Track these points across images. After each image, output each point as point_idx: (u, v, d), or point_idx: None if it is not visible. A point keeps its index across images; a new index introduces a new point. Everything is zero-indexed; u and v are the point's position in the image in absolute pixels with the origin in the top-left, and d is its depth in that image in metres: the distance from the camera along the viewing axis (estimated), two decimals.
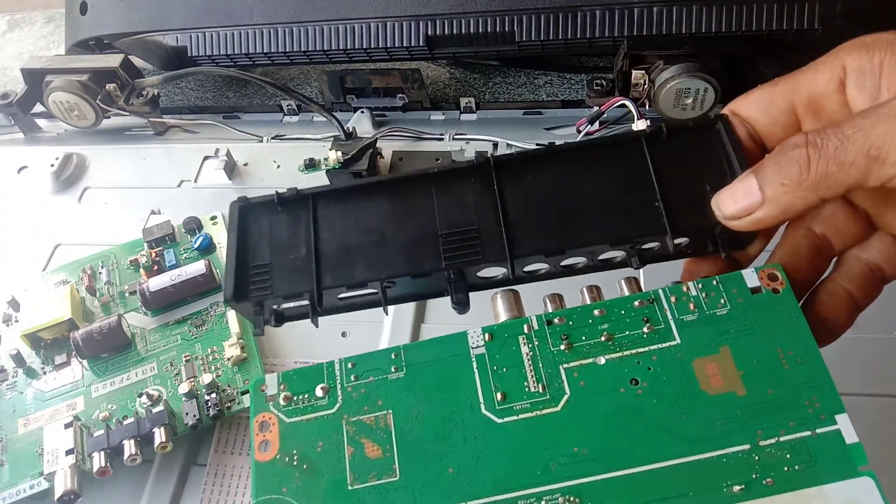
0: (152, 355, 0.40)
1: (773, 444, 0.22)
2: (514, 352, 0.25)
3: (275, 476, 0.24)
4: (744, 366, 0.24)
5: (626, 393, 0.24)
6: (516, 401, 0.24)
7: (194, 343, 0.40)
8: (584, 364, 0.25)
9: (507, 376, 0.25)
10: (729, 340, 0.24)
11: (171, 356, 0.40)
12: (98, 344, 0.39)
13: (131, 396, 0.38)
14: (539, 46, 0.53)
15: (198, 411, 0.36)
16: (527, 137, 0.51)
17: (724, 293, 0.25)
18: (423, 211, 0.28)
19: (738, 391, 0.23)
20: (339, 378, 0.26)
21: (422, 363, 0.26)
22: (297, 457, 0.25)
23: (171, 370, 0.39)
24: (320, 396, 0.26)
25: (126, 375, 0.39)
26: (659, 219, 0.26)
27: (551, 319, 0.26)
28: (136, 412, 0.37)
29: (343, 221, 0.29)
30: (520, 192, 0.28)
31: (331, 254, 0.28)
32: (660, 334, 0.25)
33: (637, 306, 0.25)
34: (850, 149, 0.21)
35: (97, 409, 0.38)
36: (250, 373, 0.38)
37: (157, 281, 0.42)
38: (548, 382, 0.25)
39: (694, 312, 0.25)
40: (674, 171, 0.27)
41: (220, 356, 0.39)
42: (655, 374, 0.24)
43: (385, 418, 0.25)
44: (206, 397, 0.36)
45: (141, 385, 0.38)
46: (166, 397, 0.37)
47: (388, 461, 0.24)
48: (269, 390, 0.26)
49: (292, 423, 0.25)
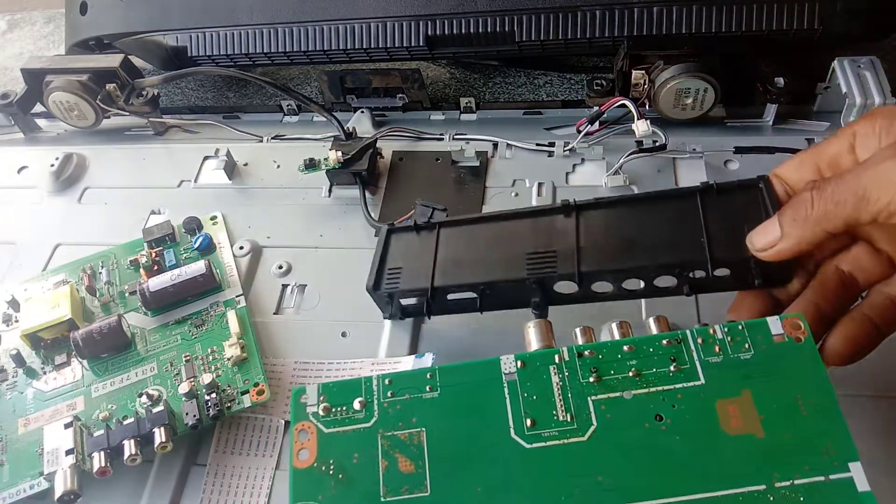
0: (152, 355, 0.40)
1: (788, 487, 0.23)
2: (545, 380, 0.27)
3: (311, 483, 0.25)
4: (764, 410, 0.25)
5: (650, 428, 0.25)
6: (545, 428, 0.26)
7: (194, 343, 0.40)
8: (611, 397, 0.26)
9: (537, 404, 0.26)
10: (751, 384, 0.25)
11: (171, 356, 0.40)
12: (98, 344, 0.39)
13: (131, 396, 0.38)
14: (539, 46, 0.53)
15: (198, 411, 0.36)
16: (527, 137, 0.51)
17: (748, 338, 0.26)
18: (516, 239, 0.36)
19: (758, 434, 0.25)
20: (376, 393, 0.27)
21: (455, 385, 0.27)
22: (333, 466, 0.26)
23: (171, 370, 0.39)
24: (358, 410, 0.27)
25: (126, 375, 0.39)
26: (702, 251, 0.32)
27: (582, 352, 0.27)
28: (136, 412, 0.37)
29: (457, 244, 0.38)
30: (593, 228, 0.35)
31: (445, 265, 0.37)
32: (685, 374, 0.26)
33: (665, 345, 0.27)
34: (843, 190, 0.26)
35: (97, 409, 0.38)
36: (250, 373, 0.38)
37: (157, 281, 0.42)
38: (576, 413, 0.26)
39: (719, 355, 0.26)
40: (719, 217, 0.33)
41: (220, 356, 0.39)
42: (679, 412, 0.25)
43: (419, 435, 0.26)
44: (206, 397, 0.36)
45: (141, 385, 0.38)
46: (166, 397, 0.37)
47: (420, 476, 0.25)
48: (309, 400, 0.27)
49: (330, 434, 0.26)
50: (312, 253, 0.46)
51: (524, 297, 0.36)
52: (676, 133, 0.49)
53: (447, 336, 0.40)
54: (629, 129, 0.47)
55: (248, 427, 0.37)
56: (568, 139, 0.50)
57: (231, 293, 0.42)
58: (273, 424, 0.37)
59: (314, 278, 0.44)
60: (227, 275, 0.44)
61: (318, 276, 0.44)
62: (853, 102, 0.47)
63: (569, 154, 0.50)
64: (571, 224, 0.35)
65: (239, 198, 0.50)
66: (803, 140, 0.48)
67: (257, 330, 0.41)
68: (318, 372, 0.39)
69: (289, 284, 0.44)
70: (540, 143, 0.50)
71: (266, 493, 0.35)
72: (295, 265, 0.45)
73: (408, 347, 0.39)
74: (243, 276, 0.44)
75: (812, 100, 0.50)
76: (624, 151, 0.47)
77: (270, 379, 0.38)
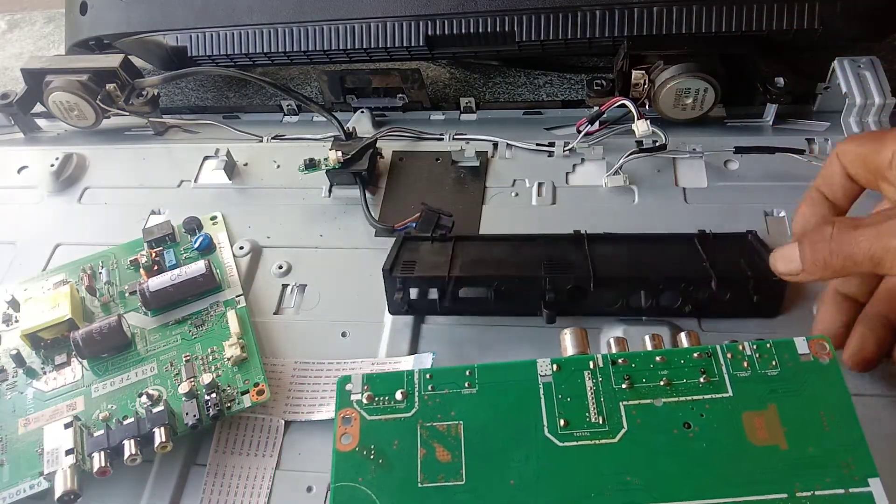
0: (152, 355, 0.40)
1: (809, 497, 0.24)
2: (579, 384, 0.28)
3: (353, 466, 0.27)
4: (788, 423, 0.26)
5: (678, 434, 0.26)
6: (577, 428, 0.27)
7: (194, 343, 0.40)
8: (642, 403, 0.27)
9: (571, 406, 0.27)
10: (776, 399, 0.27)
11: (171, 356, 0.40)
12: (98, 344, 0.39)
13: (131, 396, 0.38)
14: (539, 46, 0.53)
15: (198, 411, 0.36)
16: (527, 137, 0.51)
17: (776, 356, 0.28)
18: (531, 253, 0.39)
19: (781, 445, 0.26)
20: (417, 386, 0.29)
21: (493, 383, 0.28)
22: (373, 451, 0.27)
23: (171, 370, 0.39)
24: (399, 400, 0.28)
25: (126, 375, 0.39)
26: (706, 270, 0.36)
27: (616, 360, 0.28)
28: (136, 412, 0.37)
29: (473, 252, 0.40)
30: (603, 252, 0.39)
31: (461, 263, 0.38)
32: (714, 386, 0.27)
33: (696, 358, 0.28)
34: (859, 252, 0.27)
35: (97, 409, 0.38)
36: (250, 373, 0.38)
37: (157, 281, 0.42)
38: (608, 416, 0.27)
39: (747, 370, 0.28)
40: (716, 252, 0.38)
41: (220, 356, 0.39)
42: (707, 421, 0.26)
43: (456, 428, 0.27)
44: (206, 397, 0.36)
45: (141, 385, 0.38)
46: (166, 397, 0.37)
47: (456, 466, 0.26)
48: (354, 389, 0.29)
49: (372, 421, 0.28)
50: (312, 253, 0.46)
51: (536, 299, 0.37)
52: (676, 133, 0.49)
53: (447, 337, 0.40)
54: (629, 129, 0.47)
55: (248, 427, 0.37)
56: (568, 139, 0.50)
57: (231, 293, 0.42)
58: (273, 424, 0.37)
59: (314, 278, 0.44)
60: (227, 275, 0.44)
61: (318, 276, 0.44)
62: (853, 102, 0.47)
63: (569, 154, 0.50)
64: (582, 247, 0.39)
65: (239, 198, 0.50)
66: (803, 140, 0.48)
67: (257, 330, 0.41)
68: (318, 372, 0.39)
69: (289, 284, 0.44)
70: (540, 143, 0.50)
71: (266, 493, 0.35)
72: (295, 265, 0.45)
73: (408, 347, 0.39)
74: (243, 276, 0.44)
75: (812, 100, 0.50)
76: (624, 151, 0.47)
77: (270, 379, 0.38)
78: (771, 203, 0.44)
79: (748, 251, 0.39)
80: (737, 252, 0.39)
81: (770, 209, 0.44)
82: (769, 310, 0.38)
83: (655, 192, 0.46)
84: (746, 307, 0.37)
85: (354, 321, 0.41)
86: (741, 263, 0.37)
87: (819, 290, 0.39)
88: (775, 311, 0.38)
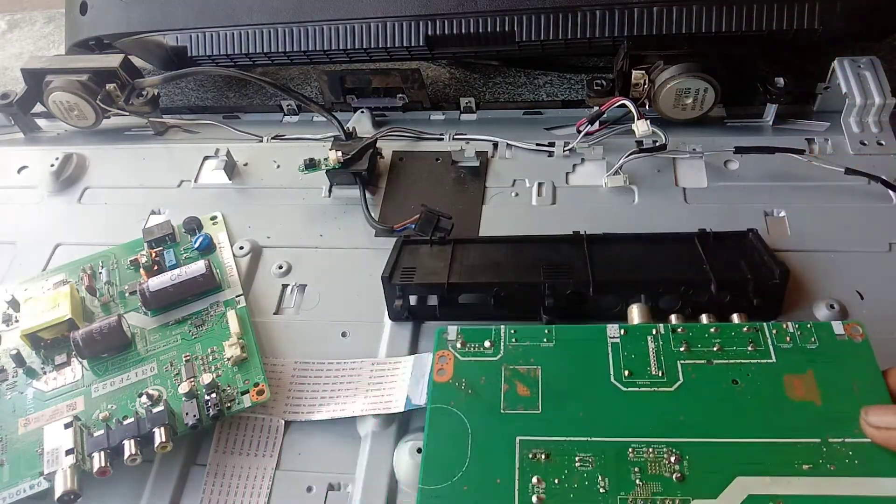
0: (152, 355, 0.40)
1: (839, 443, 0.28)
2: (643, 346, 0.32)
3: (446, 393, 0.32)
4: (823, 386, 0.30)
5: (727, 388, 0.30)
6: (639, 378, 0.31)
7: (194, 343, 0.40)
8: (697, 363, 0.31)
9: (635, 361, 0.32)
10: (814, 366, 0.31)
11: (171, 356, 0.40)
12: (98, 344, 0.39)
13: (131, 396, 0.38)
14: (539, 46, 0.53)
15: (198, 411, 0.36)
16: (527, 137, 0.51)
17: (814, 334, 0.32)
18: (530, 256, 0.40)
19: (816, 402, 0.30)
20: (503, 338, 0.34)
21: (568, 340, 0.33)
22: (465, 383, 0.32)
23: (172, 370, 0.39)
24: (488, 347, 0.33)
25: (126, 375, 0.39)
26: (706, 273, 0.37)
27: (676, 329, 0.33)
28: (137, 412, 0.37)
29: (472, 255, 0.40)
30: (602, 254, 0.39)
31: (460, 269, 0.39)
32: (760, 353, 0.31)
33: (745, 332, 0.32)
34: None
35: (97, 409, 0.38)
36: (250, 373, 0.38)
37: (157, 281, 0.42)
38: (666, 370, 0.31)
39: (789, 343, 0.31)
40: (716, 253, 0.38)
41: (220, 356, 0.39)
42: (752, 379, 0.31)
43: (535, 371, 0.32)
44: (206, 397, 0.36)
45: (141, 385, 0.38)
46: (166, 397, 0.37)
47: (534, 399, 0.31)
48: (450, 335, 0.34)
49: (465, 361, 0.33)
50: (312, 253, 0.46)
51: (536, 305, 0.37)
52: (676, 133, 0.49)
53: None
54: (629, 129, 0.47)
55: (248, 427, 0.37)
56: (568, 139, 0.50)
57: (231, 293, 0.42)
58: (273, 424, 0.37)
59: (314, 278, 0.44)
60: (227, 275, 0.44)
61: (318, 276, 0.44)
62: (853, 102, 0.47)
63: (569, 154, 0.50)
64: (582, 249, 0.40)
65: (239, 198, 0.50)
66: (803, 140, 0.48)
67: (257, 330, 0.41)
68: (319, 372, 0.39)
69: (289, 284, 0.44)
70: (540, 143, 0.50)
71: (266, 493, 0.35)
72: (295, 265, 0.45)
73: (408, 348, 0.39)
74: (243, 275, 0.44)
75: (812, 100, 0.50)
76: (624, 151, 0.47)
77: (270, 379, 0.38)
78: (771, 203, 0.44)
79: (748, 251, 0.39)
80: (737, 252, 0.39)
81: (770, 209, 0.44)
82: (770, 312, 0.38)
83: (655, 193, 0.46)
84: (747, 309, 0.37)
85: (354, 321, 0.41)
86: (741, 265, 0.37)
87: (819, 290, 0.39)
88: (776, 313, 0.38)
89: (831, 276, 0.40)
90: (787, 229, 0.43)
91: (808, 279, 0.40)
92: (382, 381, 0.37)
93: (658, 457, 0.29)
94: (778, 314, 0.38)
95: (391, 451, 0.35)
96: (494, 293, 0.38)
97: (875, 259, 0.41)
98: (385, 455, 0.35)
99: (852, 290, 0.39)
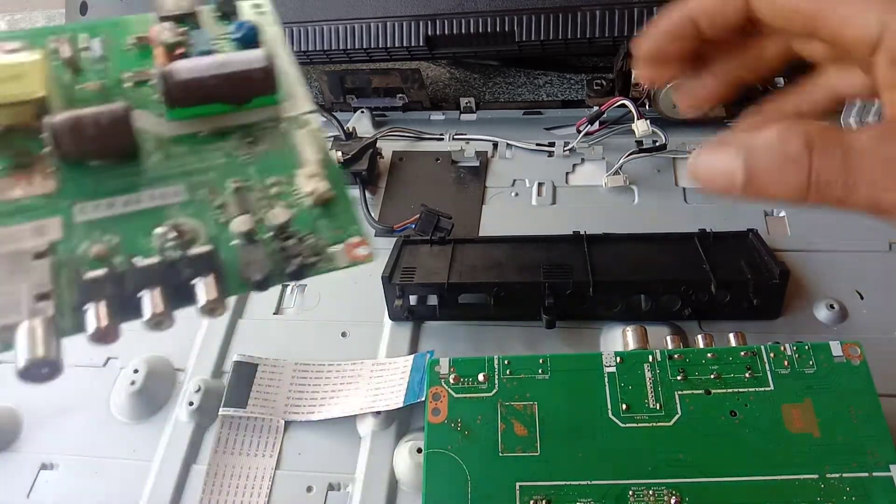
0: (178, 174, 0.25)
1: (837, 478, 0.28)
2: (639, 375, 0.32)
3: (442, 436, 0.31)
4: (821, 415, 0.30)
5: (725, 420, 0.30)
6: (637, 412, 0.31)
7: (246, 167, 0.25)
8: (695, 393, 0.31)
9: (632, 392, 0.31)
10: (812, 394, 0.30)
11: (209, 178, 0.25)
12: (91, 140, 0.23)
13: (143, 228, 0.23)
14: (539, 46, 0.53)
15: (267, 262, 0.23)
16: (527, 137, 0.51)
17: (812, 357, 0.31)
18: (530, 256, 0.40)
19: (815, 434, 0.29)
20: (497, 370, 0.32)
21: (564, 371, 0.32)
22: (460, 424, 0.31)
23: (213, 199, 0.24)
24: (481, 382, 0.32)
25: (134, 198, 0.24)
26: (706, 274, 0.37)
27: (672, 355, 0.32)
28: (161, 250, 0.23)
29: (472, 255, 0.41)
30: (602, 254, 0.39)
31: (460, 269, 0.39)
32: (758, 380, 0.31)
33: (742, 356, 0.32)
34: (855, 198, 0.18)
35: (85, 238, 0.23)
36: (340, 220, 0.26)
37: (188, 64, 0.25)
38: (664, 402, 0.31)
39: (787, 368, 0.31)
40: (716, 253, 0.39)
41: (288, 190, 0.25)
42: (750, 410, 0.30)
43: (531, 408, 0.31)
44: (280, 243, 0.24)
45: (158, 215, 0.24)
46: (207, 236, 0.23)
47: (532, 440, 0.30)
48: (442, 369, 0.33)
49: (459, 398, 0.32)
50: None
51: (536, 304, 0.37)
52: (676, 133, 0.49)
53: (447, 338, 0.40)
54: (629, 129, 0.47)
55: (248, 427, 0.37)
56: (568, 139, 0.50)
57: (298, 106, 0.27)
58: (273, 424, 0.37)
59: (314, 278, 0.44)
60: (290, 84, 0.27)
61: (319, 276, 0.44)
62: (853, 102, 0.47)
63: (569, 154, 0.50)
64: (582, 249, 0.40)
65: None
66: None
67: (256, 329, 0.41)
68: (319, 372, 0.39)
69: (289, 284, 0.44)
70: (540, 143, 0.50)
71: (266, 493, 0.35)
72: None
73: (408, 348, 0.39)
74: None
75: None
76: (624, 151, 0.47)
77: (270, 379, 0.38)
78: (771, 203, 0.44)
79: (749, 251, 0.39)
80: (737, 252, 0.39)
81: (770, 209, 0.44)
82: (769, 312, 0.38)
83: (655, 192, 0.46)
84: (746, 309, 0.37)
85: (354, 321, 0.41)
86: (741, 265, 0.37)
87: (819, 290, 0.39)
88: (776, 313, 0.38)
89: (831, 276, 0.40)
90: (787, 229, 0.43)
91: (808, 279, 0.40)
92: (382, 381, 0.37)
93: (658, 499, 0.29)
94: (778, 314, 0.38)
95: (391, 451, 0.35)
96: (494, 293, 0.38)
97: (875, 259, 0.41)
98: (385, 455, 0.35)
99: (852, 289, 0.39)
